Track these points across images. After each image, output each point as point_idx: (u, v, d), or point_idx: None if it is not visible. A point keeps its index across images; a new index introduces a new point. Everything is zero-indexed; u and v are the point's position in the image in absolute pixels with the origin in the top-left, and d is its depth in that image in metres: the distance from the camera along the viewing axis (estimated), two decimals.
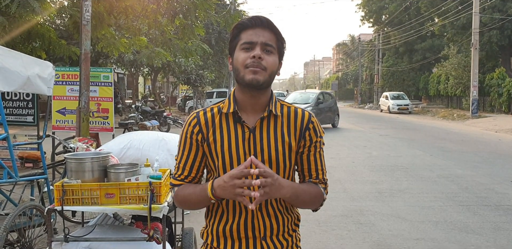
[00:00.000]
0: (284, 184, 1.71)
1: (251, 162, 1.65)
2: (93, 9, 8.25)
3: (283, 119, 1.89)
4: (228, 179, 1.64)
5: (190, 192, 1.85)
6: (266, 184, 1.61)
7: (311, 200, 1.89)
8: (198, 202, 1.84)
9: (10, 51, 4.83)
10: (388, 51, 48.52)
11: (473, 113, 27.62)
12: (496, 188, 8.33)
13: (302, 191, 1.83)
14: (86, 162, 3.48)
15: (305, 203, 1.88)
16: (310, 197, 1.87)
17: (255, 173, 1.60)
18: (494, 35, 30.48)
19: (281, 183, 1.68)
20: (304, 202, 1.86)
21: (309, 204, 1.91)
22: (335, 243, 5.46)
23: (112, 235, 3.56)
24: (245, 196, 1.62)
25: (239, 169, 1.65)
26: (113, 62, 25.98)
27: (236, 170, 1.65)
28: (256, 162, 1.65)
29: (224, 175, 1.68)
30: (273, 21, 1.84)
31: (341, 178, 9.37)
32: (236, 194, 1.63)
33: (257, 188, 1.62)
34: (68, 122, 8.62)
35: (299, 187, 1.83)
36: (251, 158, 1.66)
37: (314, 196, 1.89)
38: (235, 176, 1.63)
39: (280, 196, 1.73)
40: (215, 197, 1.74)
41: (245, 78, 1.77)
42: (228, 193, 1.66)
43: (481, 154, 12.89)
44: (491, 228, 6.01)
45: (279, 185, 1.67)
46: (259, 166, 1.64)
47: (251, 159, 1.65)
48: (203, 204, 1.86)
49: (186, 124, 1.91)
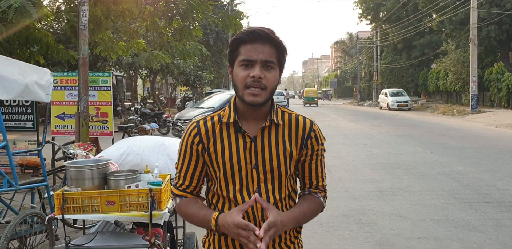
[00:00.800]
0: (286, 223, 1.76)
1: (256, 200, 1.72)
2: (90, 13, 8.25)
3: (284, 128, 1.89)
4: (233, 227, 1.67)
5: (193, 214, 1.87)
6: (271, 235, 1.68)
7: (312, 217, 1.94)
8: (200, 225, 1.87)
9: (8, 59, 4.83)
10: (387, 48, 48.47)
11: (472, 109, 27.60)
12: (497, 184, 8.33)
13: (303, 216, 1.88)
14: (86, 169, 3.48)
15: (306, 222, 1.94)
16: (310, 216, 1.93)
17: (260, 235, 1.64)
18: (492, 30, 30.44)
19: (284, 224, 1.74)
20: (304, 222, 1.93)
21: (310, 219, 1.96)
22: (337, 244, 5.46)
23: (113, 242, 3.56)
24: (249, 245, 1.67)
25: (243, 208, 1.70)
26: (111, 65, 25.97)
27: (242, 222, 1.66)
28: (260, 200, 1.70)
29: (229, 219, 1.70)
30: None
31: (342, 177, 9.37)
32: (241, 241, 1.69)
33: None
34: (68, 127, 8.62)
35: (300, 213, 1.87)
36: (255, 196, 1.70)
37: (314, 212, 1.94)
38: (240, 227, 1.66)
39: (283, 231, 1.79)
40: (218, 232, 1.79)
41: (244, 99, 1.78)
42: (232, 236, 1.72)
43: (481, 149, 12.89)
44: (493, 226, 6.01)
45: (283, 227, 1.74)
46: (263, 206, 1.71)
47: (255, 198, 1.69)
48: (205, 227, 1.89)
49: (186, 134, 1.91)
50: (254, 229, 1.66)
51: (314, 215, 1.94)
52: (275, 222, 1.69)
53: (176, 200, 1.95)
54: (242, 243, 1.70)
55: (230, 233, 1.71)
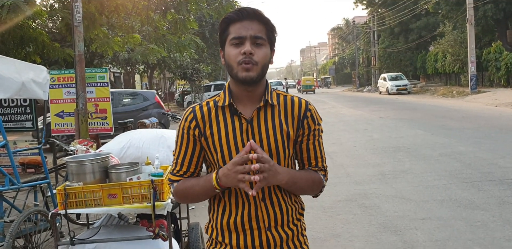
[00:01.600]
0: (279, 170, 1.75)
1: (251, 147, 1.68)
2: (84, 10, 8.23)
3: (280, 109, 1.90)
4: (231, 166, 1.69)
5: (193, 184, 1.87)
6: (263, 169, 1.66)
7: (309, 186, 1.92)
8: (202, 193, 1.86)
9: (3, 57, 4.84)
10: (384, 32, 48.26)
11: (472, 89, 27.55)
12: (499, 163, 8.35)
13: (299, 177, 1.87)
14: (86, 164, 3.49)
15: (303, 189, 1.91)
16: (308, 183, 1.90)
17: (253, 157, 1.65)
18: (489, 9, 30.22)
19: (277, 168, 1.73)
20: (302, 188, 1.90)
21: (308, 190, 1.94)
22: (342, 228, 5.49)
23: (117, 235, 3.59)
24: (245, 181, 1.67)
25: (239, 155, 1.69)
26: (108, 62, 25.92)
27: (237, 157, 1.69)
28: (255, 146, 1.69)
29: (228, 163, 1.72)
30: (266, 9, 1.84)
31: (343, 162, 9.40)
32: (239, 179, 1.67)
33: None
34: (67, 125, 8.62)
35: (296, 174, 1.87)
36: (250, 142, 1.69)
37: (312, 182, 1.92)
38: (237, 163, 1.67)
39: (277, 181, 1.77)
40: (220, 186, 1.77)
41: (238, 75, 1.80)
42: (231, 180, 1.70)
43: (482, 129, 12.89)
44: (497, 203, 6.04)
45: (276, 171, 1.72)
46: (257, 151, 1.68)
47: (250, 144, 1.68)
48: (207, 195, 1.88)
49: (182, 119, 1.93)
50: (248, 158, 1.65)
51: (311, 186, 1.92)
52: (268, 159, 1.68)
53: (173, 185, 1.94)
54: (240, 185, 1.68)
55: (229, 179, 1.70)
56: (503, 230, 5.08)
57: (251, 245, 1.87)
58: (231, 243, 1.89)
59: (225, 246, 1.92)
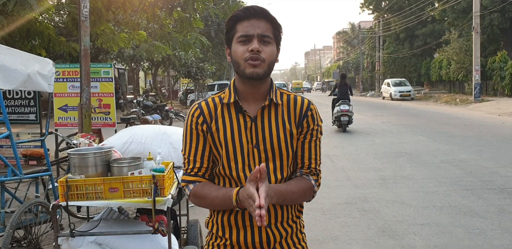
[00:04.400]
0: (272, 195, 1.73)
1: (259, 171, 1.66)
2: (91, 5, 8.25)
3: (283, 108, 1.91)
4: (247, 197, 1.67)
5: (212, 195, 1.84)
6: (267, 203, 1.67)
7: (300, 196, 1.92)
8: (221, 206, 1.86)
9: (10, 49, 4.84)
10: (389, 37, 48.27)
11: (475, 98, 27.49)
12: (500, 171, 8.34)
13: (289, 193, 1.85)
14: (89, 157, 3.49)
15: (293, 201, 1.91)
16: (299, 196, 1.90)
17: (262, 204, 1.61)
18: (495, 18, 30.24)
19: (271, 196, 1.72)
20: (292, 201, 1.90)
21: (299, 200, 1.94)
22: (340, 231, 5.49)
23: (117, 229, 3.59)
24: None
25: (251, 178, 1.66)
26: (113, 57, 25.98)
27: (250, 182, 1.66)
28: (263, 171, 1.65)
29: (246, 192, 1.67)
30: (272, 11, 1.86)
31: (344, 166, 9.39)
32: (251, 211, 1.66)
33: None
34: (71, 119, 8.65)
35: (286, 190, 1.85)
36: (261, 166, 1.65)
37: (303, 192, 1.91)
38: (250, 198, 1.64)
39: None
40: (239, 207, 1.77)
41: (245, 71, 1.81)
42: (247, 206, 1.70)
43: (484, 137, 12.88)
44: (496, 211, 6.03)
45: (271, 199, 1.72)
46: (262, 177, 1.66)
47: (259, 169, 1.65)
48: (225, 208, 1.87)
49: (189, 116, 1.93)
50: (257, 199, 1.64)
51: (303, 196, 1.92)
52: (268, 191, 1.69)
53: (189, 187, 1.91)
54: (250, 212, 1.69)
55: (246, 206, 1.71)
56: (502, 238, 5.08)
57: (251, 241, 1.89)
58: (231, 238, 1.91)
59: (225, 240, 1.93)
